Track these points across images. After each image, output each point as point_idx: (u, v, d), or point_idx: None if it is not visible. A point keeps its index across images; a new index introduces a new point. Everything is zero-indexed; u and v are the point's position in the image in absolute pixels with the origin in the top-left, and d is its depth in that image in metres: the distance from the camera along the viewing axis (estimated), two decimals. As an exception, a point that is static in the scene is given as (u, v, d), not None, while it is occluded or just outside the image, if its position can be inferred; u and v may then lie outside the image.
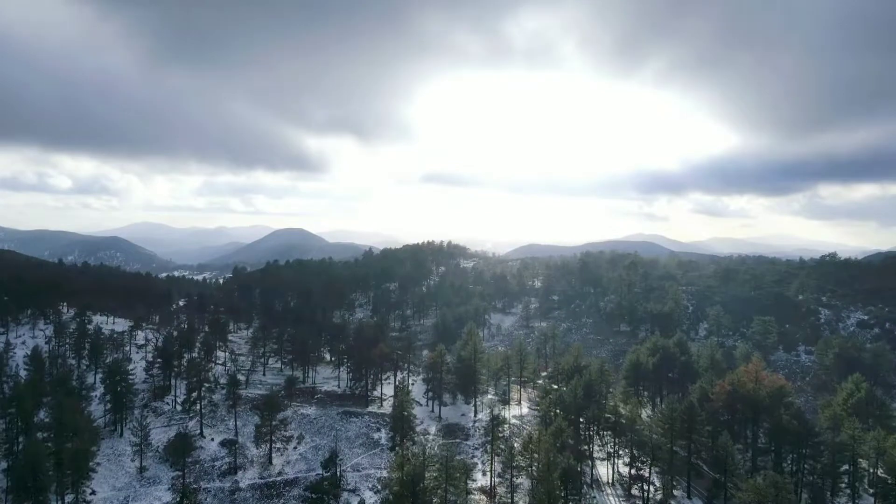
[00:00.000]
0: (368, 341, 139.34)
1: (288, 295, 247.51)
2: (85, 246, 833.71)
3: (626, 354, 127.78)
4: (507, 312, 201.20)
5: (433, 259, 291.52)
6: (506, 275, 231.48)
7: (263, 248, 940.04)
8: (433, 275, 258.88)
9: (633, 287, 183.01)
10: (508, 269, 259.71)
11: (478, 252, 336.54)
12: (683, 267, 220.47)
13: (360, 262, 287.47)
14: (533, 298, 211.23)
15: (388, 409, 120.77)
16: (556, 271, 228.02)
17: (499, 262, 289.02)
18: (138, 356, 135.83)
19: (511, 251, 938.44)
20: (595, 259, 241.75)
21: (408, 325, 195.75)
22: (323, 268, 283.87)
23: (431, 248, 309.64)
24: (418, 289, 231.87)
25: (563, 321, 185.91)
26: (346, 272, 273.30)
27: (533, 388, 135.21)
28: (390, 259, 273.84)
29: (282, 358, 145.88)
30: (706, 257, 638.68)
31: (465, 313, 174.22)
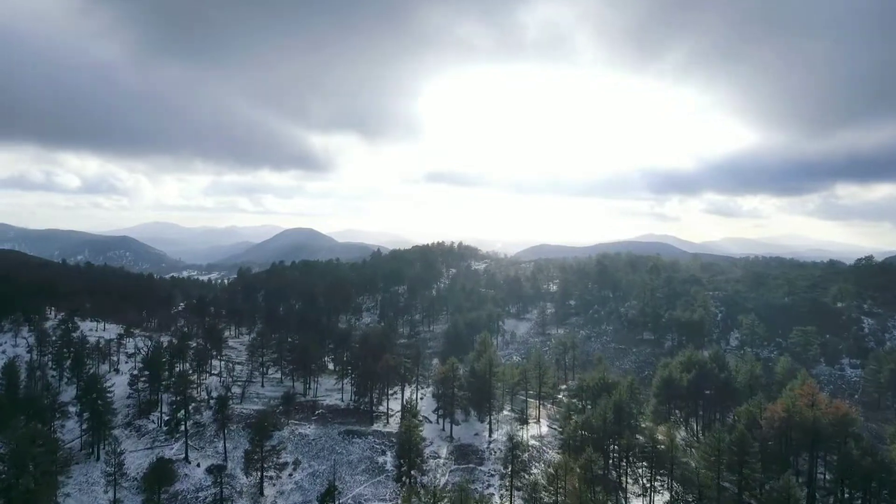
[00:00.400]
0: (374, 350, 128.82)
1: (293, 297, 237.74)
2: (95, 245, 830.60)
3: (656, 369, 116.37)
4: (521, 318, 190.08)
5: (443, 261, 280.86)
6: (520, 278, 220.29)
7: (272, 248, 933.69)
8: (443, 277, 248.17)
9: (655, 292, 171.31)
10: (522, 272, 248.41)
11: (489, 253, 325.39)
12: (708, 270, 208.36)
13: (368, 264, 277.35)
14: (549, 303, 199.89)
15: (394, 426, 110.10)
16: (572, 274, 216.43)
17: (511, 263, 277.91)
18: (127, 366, 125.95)
19: (521, 251, 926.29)
20: (612, 261, 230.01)
21: (417, 332, 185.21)
22: (329, 269, 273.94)
23: (441, 249, 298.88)
24: (428, 292, 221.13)
25: (582, 328, 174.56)
26: (353, 273, 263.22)
27: (553, 403, 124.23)
28: (399, 260, 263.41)
29: (282, 368, 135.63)
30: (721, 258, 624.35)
31: (477, 320, 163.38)
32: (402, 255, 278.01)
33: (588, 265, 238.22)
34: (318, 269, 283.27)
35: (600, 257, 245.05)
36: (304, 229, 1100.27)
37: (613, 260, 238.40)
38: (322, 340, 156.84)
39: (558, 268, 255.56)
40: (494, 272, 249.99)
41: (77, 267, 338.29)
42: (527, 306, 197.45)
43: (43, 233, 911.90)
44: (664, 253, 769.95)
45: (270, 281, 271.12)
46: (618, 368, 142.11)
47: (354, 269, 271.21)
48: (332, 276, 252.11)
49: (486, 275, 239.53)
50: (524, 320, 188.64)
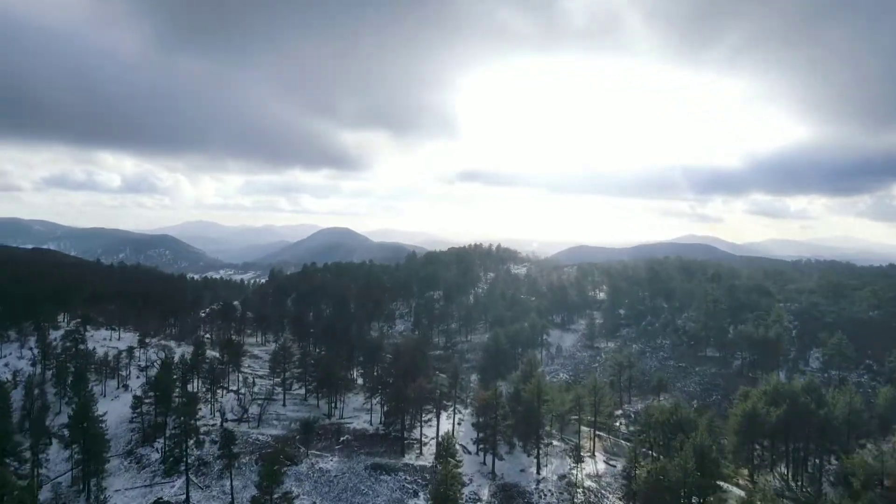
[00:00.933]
0: (407, 369, 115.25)
1: (324, 301, 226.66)
2: (136, 244, 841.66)
3: (732, 398, 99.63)
4: (567, 329, 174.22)
5: (481, 264, 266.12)
6: (564, 284, 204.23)
7: (308, 248, 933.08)
8: (481, 282, 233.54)
9: (718, 303, 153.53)
10: (566, 277, 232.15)
11: (529, 256, 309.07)
12: (774, 279, 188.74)
13: (402, 267, 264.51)
14: (596, 312, 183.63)
15: (428, 457, 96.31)
16: (620, 281, 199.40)
17: (553, 268, 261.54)
18: (138, 382, 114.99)
19: (559, 252, 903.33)
20: (664, 267, 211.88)
21: (453, 342, 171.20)
22: (362, 272, 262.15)
23: (479, 251, 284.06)
24: (465, 298, 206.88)
25: (634, 341, 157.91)
26: (387, 277, 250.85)
27: (608, 432, 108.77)
28: (434, 263, 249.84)
29: (306, 384, 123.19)
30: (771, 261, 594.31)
31: (520, 332, 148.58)
32: (437, 257, 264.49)
33: (637, 271, 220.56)
34: (351, 271, 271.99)
35: (650, 262, 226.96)
36: (340, 229, 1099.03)
37: (664, 265, 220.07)
38: (351, 352, 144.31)
39: (604, 272, 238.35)
40: (536, 277, 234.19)
41: (110, 267, 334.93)
42: (572, 315, 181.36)
43: (88, 231, 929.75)
44: (708, 255, 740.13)
45: (302, 283, 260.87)
46: (680, 391, 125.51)
47: (388, 272, 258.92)
48: (365, 279, 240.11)
49: (527, 280, 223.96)
50: (570, 331, 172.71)
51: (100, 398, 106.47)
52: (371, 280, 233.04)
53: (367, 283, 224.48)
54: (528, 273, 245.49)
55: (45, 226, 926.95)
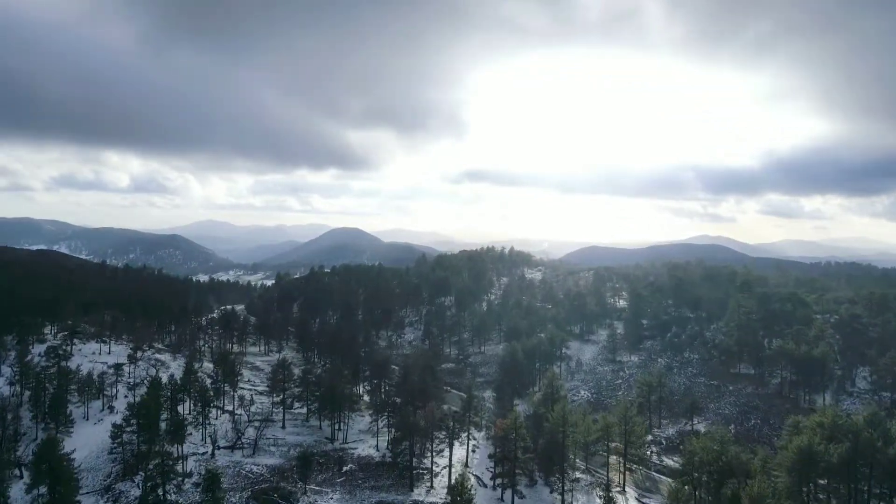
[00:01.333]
0: (416, 390, 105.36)
1: (332, 307, 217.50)
2: (146, 244, 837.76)
3: (786, 435, 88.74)
4: (586, 340, 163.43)
5: (493, 268, 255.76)
6: (582, 292, 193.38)
7: (318, 248, 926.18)
8: (494, 287, 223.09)
9: (750, 314, 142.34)
10: (583, 283, 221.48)
11: (543, 260, 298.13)
12: (806, 286, 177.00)
13: (412, 271, 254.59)
14: (617, 322, 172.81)
15: (440, 491, 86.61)
16: (642, 288, 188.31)
17: (569, 272, 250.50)
18: (126, 401, 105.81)
19: (571, 253, 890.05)
20: (687, 273, 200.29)
21: (466, 354, 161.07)
22: (371, 276, 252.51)
23: (491, 255, 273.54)
24: (478, 306, 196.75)
25: (660, 355, 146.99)
26: (396, 281, 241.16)
27: (639, 462, 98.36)
28: (445, 268, 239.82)
29: (307, 403, 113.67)
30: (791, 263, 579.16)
31: (537, 346, 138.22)
32: (448, 261, 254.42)
33: (659, 277, 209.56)
34: (360, 274, 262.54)
35: (673, 269, 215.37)
36: (350, 229, 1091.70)
37: (687, 271, 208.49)
38: (357, 367, 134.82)
39: (622, 277, 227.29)
40: (551, 283, 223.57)
41: (115, 269, 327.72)
42: (591, 325, 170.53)
43: (99, 231, 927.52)
44: (722, 256, 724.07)
45: (309, 288, 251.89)
46: (714, 413, 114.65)
47: (397, 276, 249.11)
48: (374, 284, 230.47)
49: (543, 286, 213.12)
50: (590, 343, 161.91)
51: (81, 422, 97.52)
52: (380, 285, 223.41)
53: (376, 288, 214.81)
54: (544, 278, 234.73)
55: (57, 225, 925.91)
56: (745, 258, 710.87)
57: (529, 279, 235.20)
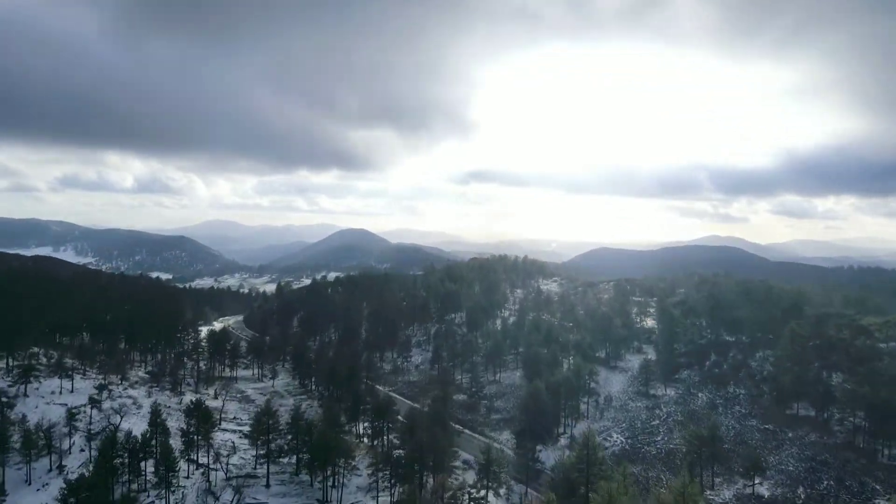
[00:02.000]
0: (424, 449, 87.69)
1: (333, 323, 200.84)
2: (152, 245, 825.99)
3: None
4: (613, 367, 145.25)
5: (506, 278, 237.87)
6: (603, 308, 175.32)
7: (325, 249, 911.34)
8: (509, 301, 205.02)
9: (805, 343, 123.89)
10: (605, 297, 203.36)
11: (559, 268, 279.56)
12: (857, 306, 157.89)
13: (420, 281, 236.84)
14: (646, 346, 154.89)
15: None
16: (671, 305, 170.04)
17: (588, 284, 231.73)
18: (82, 457, 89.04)
19: (581, 255, 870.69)
20: (722, 290, 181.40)
21: (480, 384, 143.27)
22: (376, 287, 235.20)
23: (504, 263, 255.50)
24: (492, 324, 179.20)
25: (699, 388, 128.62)
26: (403, 293, 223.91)
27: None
28: (455, 278, 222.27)
29: (297, 454, 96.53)
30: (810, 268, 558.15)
31: (562, 381, 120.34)
32: (458, 271, 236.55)
33: (689, 293, 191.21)
34: (364, 285, 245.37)
35: (701, 282, 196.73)
36: (357, 230, 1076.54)
37: (722, 287, 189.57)
38: (356, 403, 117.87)
39: (646, 290, 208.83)
40: (570, 297, 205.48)
41: (111, 275, 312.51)
42: (618, 349, 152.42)
43: (105, 232, 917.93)
44: (738, 258, 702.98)
45: (310, 299, 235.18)
46: (776, 471, 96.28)
47: (404, 287, 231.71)
48: (378, 297, 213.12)
49: (561, 302, 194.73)
50: (617, 370, 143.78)
51: (19, 488, 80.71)
52: (385, 298, 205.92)
53: (381, 302, 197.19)
54: (562, 292, 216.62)
55: (63, 226, 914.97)
56: (762, 261, 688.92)
57: (545, 291, 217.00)
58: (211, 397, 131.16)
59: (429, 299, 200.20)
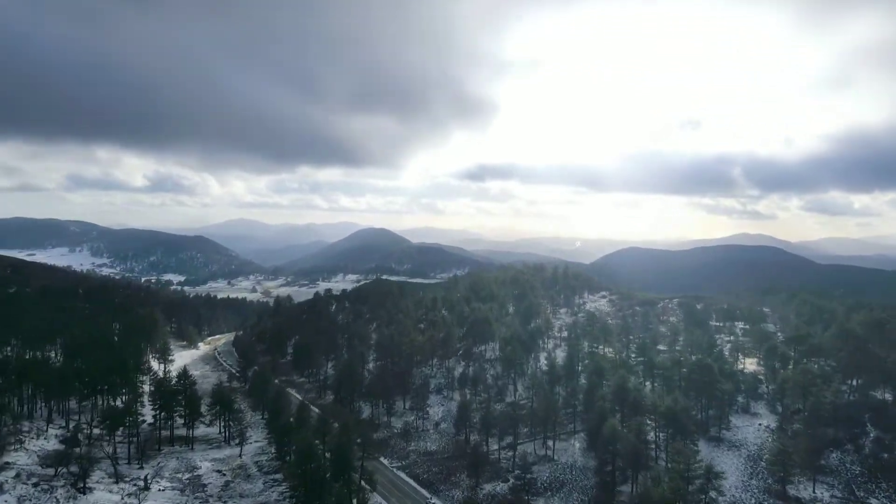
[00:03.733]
0: None
1: (333, 353, 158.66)
2: (169, 245, 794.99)
3: None
4: (717, 441, 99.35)
5: (545, 293, 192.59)
6: (684, 343, 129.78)
7: (345, 249, 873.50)
8: (553, 328, 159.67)
9: None
10: (673, 322, 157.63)
11: (607, 284, 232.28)
12: None
13: (442, 298, 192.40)
14: (754, 403, 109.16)
15: None
16: (782, 343, 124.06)
17: (647, 303, 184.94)
18: None
19: (608, 255, 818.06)
20: (838, 315, 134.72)
21: (525, 463, 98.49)
22: (388, 305, 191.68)
23: (542, 276, 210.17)
24: (534, 361, 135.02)
25: (862, 486, 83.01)
26: (421, 311, 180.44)
27: None
28: (483, 295, 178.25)
29: None
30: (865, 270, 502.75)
31: (637, 449, 75.96)
32: (486, 285, 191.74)
33: (786, 314, 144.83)
34: (374, 300, 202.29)
35: (801, 303, 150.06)
36: (378, 229, 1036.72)
37: (830, 308, 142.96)
38: None
39: (726, 314, 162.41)
40: (627, 321, 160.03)
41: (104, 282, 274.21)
42: (722, 411, 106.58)
43: (123, 232, 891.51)
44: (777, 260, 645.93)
45: (309, 321, 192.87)
46: None
47: (421, 305, 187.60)
48: (389, 321, 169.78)
49: (619, 329, 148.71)
50: (723, 445, 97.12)
51: None
52: (397, 326, 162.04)
53: (392, 334, 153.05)
54: (616, 313, 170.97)
55: (81, 226, 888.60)
56: (805, 263, 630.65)
57: (596, 312, 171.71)
58: (139, 488, 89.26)
59: (452, 325, 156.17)
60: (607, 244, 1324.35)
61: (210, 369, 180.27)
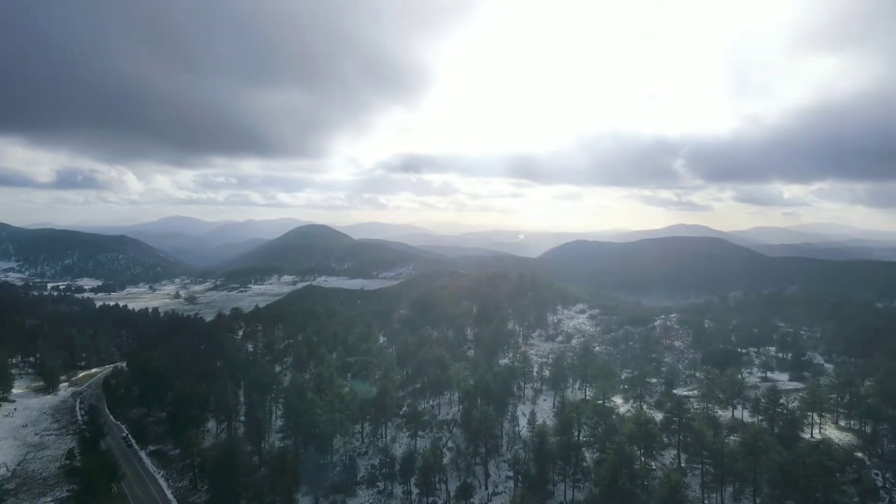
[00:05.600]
0: None
1: (222, 412, 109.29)
2: (87, 246, 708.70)
3: None
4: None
5: (510, 304, 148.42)
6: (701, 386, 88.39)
7: (283, 247, 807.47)
8: (530, 366, 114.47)
9: None
10: (678, 348, 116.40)
11: (585, 295, 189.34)
12: None
13: (379, 322, 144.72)
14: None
15: None
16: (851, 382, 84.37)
17: (637, 320, 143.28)
18: None
19: (555, 248, 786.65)
20: None
21: None
22: (307, 333, 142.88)
23: (505, 285, 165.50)
24: (510, 427, 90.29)
25: None
26: (350, 339, 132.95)
27: None
28: (433, 315, 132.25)
29: None
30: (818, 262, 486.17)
31: None
32: (436, 298, 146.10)
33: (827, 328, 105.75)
34: (294, 323, 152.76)
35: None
36: (317, 225, 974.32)
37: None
38: None
39: (745, 336, 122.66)
40: (621, 345, 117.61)
41: None
42: None
43: (35, 232, 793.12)
44: (721, 251, 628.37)
45: (201, 360, 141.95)
46: None
47: (352, 330, 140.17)
48: (306, 362, 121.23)
49: (624, 372, 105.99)
50: None
51: None
52: (316, 376, 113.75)
53: (305, 386, 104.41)
54: (602, 335, 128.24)
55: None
56: (753, 255, 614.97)
57: (575, 331, 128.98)
58: None
59: (391, 366, 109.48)
60: (550, 237, 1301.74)
61: (56, 431, 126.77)
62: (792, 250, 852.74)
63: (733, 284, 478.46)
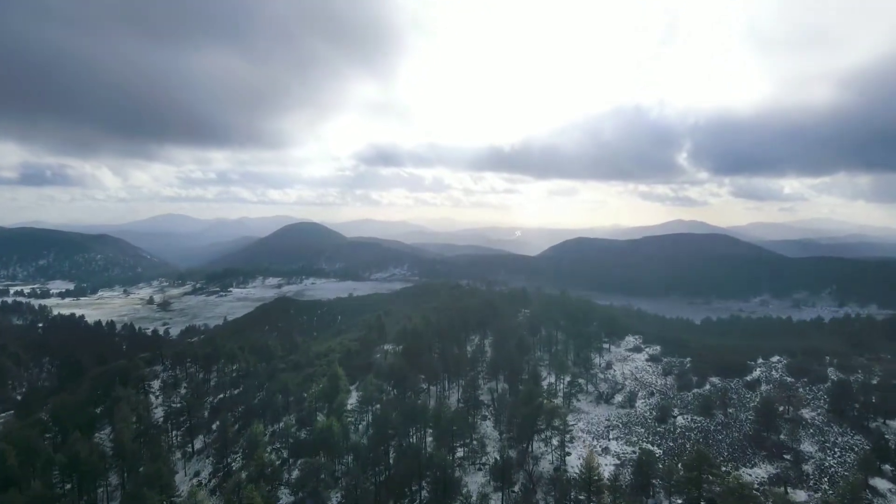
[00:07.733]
0: None
1: None
2: (64, 246, 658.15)
3: None
4: None
5: (534, 341, 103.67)
6: None
7: (274, 246, 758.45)
8: (599, 483, 69.77)
9: None
10: (807, 419, 71.47)
11: (634, 323, 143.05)
12: None
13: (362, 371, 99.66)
14: None
15: None
16: None
17: (724, 367, 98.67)
18: None
19: (554, 247, 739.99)
20: None
21: None
22: (259, 380, 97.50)
23: (523, 306, 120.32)
24: None
25: None
26: (312, 403, 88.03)
27: None
28: (422, 361, 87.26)
29: None
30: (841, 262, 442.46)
31: None
32: (438, 325, 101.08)
33: None
34: (236, 371, 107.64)
35: None
36: (309, 223, 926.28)
37: None
38: None
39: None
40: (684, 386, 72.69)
41: None
42: None
43: (12, 232, 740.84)
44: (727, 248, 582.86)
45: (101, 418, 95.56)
46: None
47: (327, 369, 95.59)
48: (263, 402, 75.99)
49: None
50: None
51: None
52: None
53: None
54: (687, 397, 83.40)
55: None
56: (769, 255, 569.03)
57: (633, 380, 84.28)
58: None
59: (360, 471, 64.46)
60: (547, 233, 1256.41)
61: None
62: (794, 245, 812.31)
63: (753, 287, 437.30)
